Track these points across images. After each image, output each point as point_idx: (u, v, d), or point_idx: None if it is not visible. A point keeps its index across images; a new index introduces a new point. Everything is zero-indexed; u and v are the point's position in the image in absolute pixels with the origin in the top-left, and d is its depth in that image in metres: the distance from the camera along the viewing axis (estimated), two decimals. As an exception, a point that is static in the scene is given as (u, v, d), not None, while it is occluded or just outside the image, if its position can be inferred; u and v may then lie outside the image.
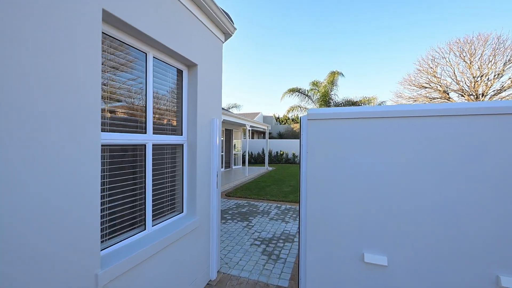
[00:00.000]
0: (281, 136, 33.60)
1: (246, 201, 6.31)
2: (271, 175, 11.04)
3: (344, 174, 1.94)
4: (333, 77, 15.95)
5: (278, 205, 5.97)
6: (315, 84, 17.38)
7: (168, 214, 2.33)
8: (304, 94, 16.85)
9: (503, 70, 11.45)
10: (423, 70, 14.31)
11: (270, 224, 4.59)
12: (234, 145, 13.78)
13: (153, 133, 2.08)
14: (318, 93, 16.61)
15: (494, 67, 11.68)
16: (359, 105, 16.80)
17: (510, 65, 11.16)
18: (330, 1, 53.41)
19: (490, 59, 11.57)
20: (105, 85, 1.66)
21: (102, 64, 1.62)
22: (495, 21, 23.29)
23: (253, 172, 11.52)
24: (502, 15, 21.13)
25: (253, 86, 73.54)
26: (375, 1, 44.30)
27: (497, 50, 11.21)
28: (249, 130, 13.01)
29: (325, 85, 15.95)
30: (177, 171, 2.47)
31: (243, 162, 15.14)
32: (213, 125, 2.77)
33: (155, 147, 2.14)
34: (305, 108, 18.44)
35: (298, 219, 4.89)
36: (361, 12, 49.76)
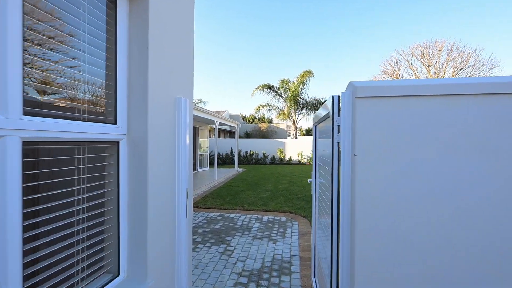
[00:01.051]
0: (248, 135, 32.82)
1: (219, 213, 5.15)
2: (243, 177, 10.01)
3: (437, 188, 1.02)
4: (305, 76, 15.77)
5: (259, 216, 4.98)
6: (284, 82, 17.00)
7: (81, 282, 1.10)
8: (275, 91, 16.29)
9: (455, 74, 12.71)
10: (387, 72, 15.17)
11: (255, 246, 3.56)
12: (200, 144, 12.32)
13: (27, 113, 0.85)
14: (289, 91, 16.25)
15: (448, 72, 12.89)
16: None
17: (460, 71, 12.47)
18: (299, 4, 55.05)
19: (443, 65, 12.78)
20: None
21: None
22: (451, 29, 27.14)
23: (222, 175, 10.31)
24: (457, 24, 24.77)
25: (219, 83, 71.27)
26: (343, 2, 47.12)
27: (450, 57, 12.43)
28: (217, 128, 11.77)
29: (296, 84, 15.67)
30: (106, 194, 1.25)
31: (211, 164, 13.74)
32: (180, 108, 1.61)
33: (37, 145, 0.92)
34: (275, 106, 17.94)
35: (286, 235, 3.98)
36: (330, 15, 52.33)
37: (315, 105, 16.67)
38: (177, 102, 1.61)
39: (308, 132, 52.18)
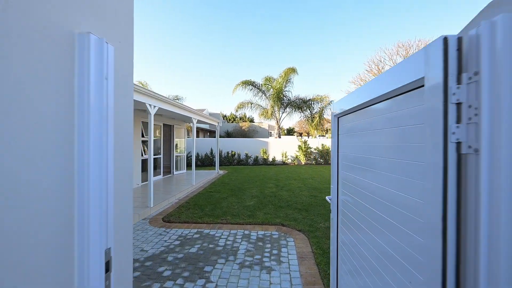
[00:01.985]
0: (229, 135, 31.73)
1: (196, 230, 4.17)
2: (225, 181, 9.04)
3: None
4: (288, 73, 15.15)
5: (246, 231, 4.10)
6: (268, 80, 16.27)
7: None
8: (258, 88, 15.47)
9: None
10: (371, 71, 15.14)
11: (244, 280, 2.68)
12: (176, 144, 11.08)
13: None
14: (272, 89, 15.53)
15: None
16: (310, 104, 16.61)
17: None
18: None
19: None
20: None
21: None
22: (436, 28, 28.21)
23: (201, 178, 9.24)
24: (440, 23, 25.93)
25: (198, 80, 68.67)
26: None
27: None
28: (195, 126, 10.66)
29: (280, 81, 14.98)
30: None
31: (188, 166, 12.52)
32: (87, 65, 0.66)
33: None
34: (258, 104, 17.15)
35: (282, 259, 3.15)
36: (315, 10, 52.44)
37: (299, 103, 16.18)
38: (79, 45, 0.67)
39: (289, 132, 52.60)
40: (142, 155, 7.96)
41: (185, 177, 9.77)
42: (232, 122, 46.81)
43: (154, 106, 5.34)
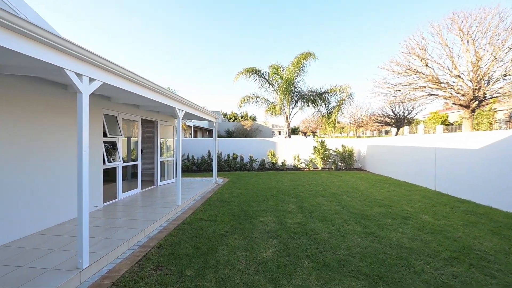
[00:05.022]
0: (230, 134, 29.23)
1: None
2: (225, 197, 6.53)
3: None
4: (302, 60, 12.59)
5: None
6: (275, 68, 13.72)
7: None
8: (264, 78, 12.93)
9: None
10: (410, 51, 12.43)
11: None
12: (168, 146, 8.59)
13: None
14: (281, 79, 13.00)
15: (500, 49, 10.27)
16: (325, 97, 14.07)
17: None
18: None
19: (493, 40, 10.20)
20: None
21: None
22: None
23: (192, 193, 6.75)
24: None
25: (196, 74, 65.60)
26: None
27: (498, 28, 9.89)
28: (180, 119, 8.14)
29: (291, 69, 12.45)
30: None
31: (183, 171, 10.03)
32: None
33: None
34: (263, 98, 14.61)
35: None
36: None
37: (313, 96, 13.65)
38: None
39: (294, 131, 49.47)
40: (104, 162, 5.48)
41: (173, 190, 7.29)
42: (233, 120, 44.16)
43: (92, 79, 2.85)
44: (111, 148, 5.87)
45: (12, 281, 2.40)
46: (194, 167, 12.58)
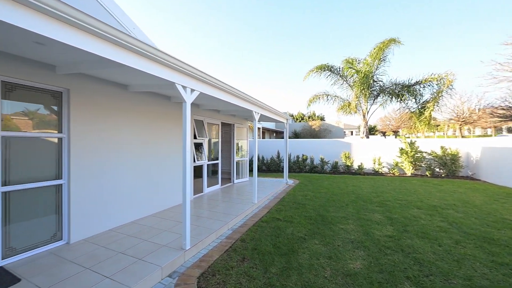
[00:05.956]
0: (297, 135, 28.82)
1: None
2: (298, 199, 6.42)
3: None
4: (383, 48, 11.02)
5: None
6: (349, 62, 12.54)
7: None
8: (337, 73, 12.05)
9: None
10: None
11: None
12: (241, 146, 9.31)
13: None
14: (357, 74, 11.76)
15: None
16: (415, 88, 11.76)
17: None
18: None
19: None
20: None
21: None
22: None
23: (266, 192, 6.98)
24: None
25: (261, 80, 68.37)
26: None
27: None
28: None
29: (369, 61, 11.10)
30: None
31: (251, 171, 10.64)
32: None
33: None
34: (336, 96, 13.62)
35: None
36: None
37: (398, 90, 11.65)
38: None
39: (370, 131, 43.80)
40: (194, 160, 6.40)
41: (247, 188, 7.77)
42: (300, 121, 43.33)
43: (192, 90, 3.35)
44: (198, 148, 6.80)
45: (142, 251, 3.09)
46: (264, 167, 13.04)
